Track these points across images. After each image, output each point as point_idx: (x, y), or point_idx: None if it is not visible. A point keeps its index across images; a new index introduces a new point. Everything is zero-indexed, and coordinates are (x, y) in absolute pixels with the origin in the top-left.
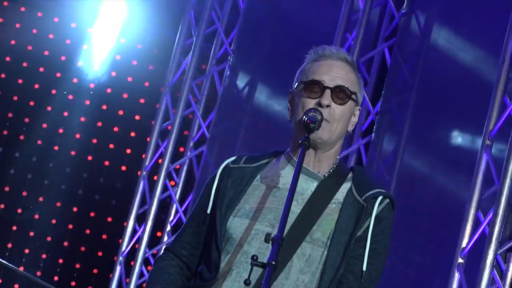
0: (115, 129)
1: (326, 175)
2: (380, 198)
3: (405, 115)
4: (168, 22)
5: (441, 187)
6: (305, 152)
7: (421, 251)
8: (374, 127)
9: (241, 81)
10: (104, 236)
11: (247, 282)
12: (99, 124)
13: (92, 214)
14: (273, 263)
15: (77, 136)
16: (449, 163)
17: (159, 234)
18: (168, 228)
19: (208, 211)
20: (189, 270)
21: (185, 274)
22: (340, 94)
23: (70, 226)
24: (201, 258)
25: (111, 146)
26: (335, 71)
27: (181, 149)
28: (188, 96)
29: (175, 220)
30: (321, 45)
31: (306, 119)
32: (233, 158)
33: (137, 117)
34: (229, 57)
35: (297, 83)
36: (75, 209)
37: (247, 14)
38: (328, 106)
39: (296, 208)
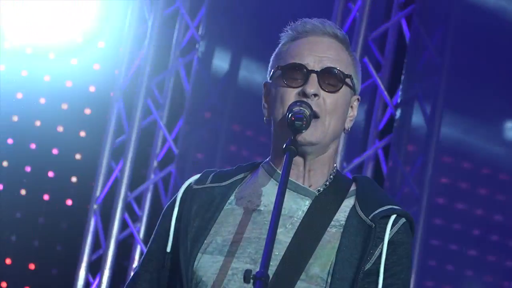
0: (54, 151)
1: (321, 189)
2: (393, 217)
3: (434, 105)
4: (113, 5)
5: (490, 201)
6: (291, 160)
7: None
8: (395, 124)
9: (216, 75)
10: None
11: None
12: (32, 146)
13: (31, 266)
14: None
15: (4, 163)
16: (502, 167)
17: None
18: None
19: (168, 249)
20: None
21: None
22: (330, 78)
23: (3, 285)
24: None
25: (50, 174)
26: (321, 49)
27: (142, 171)
28: (146, 100)
29: None
30: (302, 19)
31: (290, 115)
32: (196, 177)
33: (81, 134)
34: (197, 45)
35: (272, 71)
36: (8, 260)
37: None
38: (315, 95)
39: (284, 237)
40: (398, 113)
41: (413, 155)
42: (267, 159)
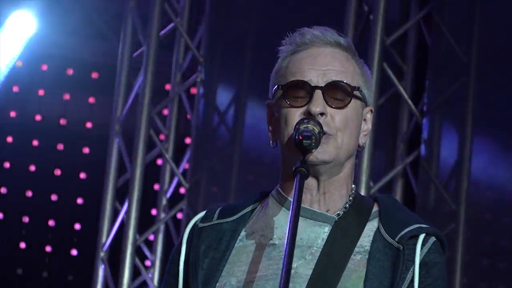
0: (53, 197)
1: (341, 213)
2: (422, 237)
3: (466, 108)
4: (105, 29)
5: None
6: (303, 184)
7: None
8: (423, 135)
9: (223, 98)
10: None
11: None
12: (29, 193)
13: None
14: None
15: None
16: None
17: None
18: None
19: None
20: None
21: None
22: (337, 93)
23: None
24: None
25: (51, 222)
26: (323, 62)
27: (152, 212)
28: (148, 132)
29: None
30: (300, 29)
31: (297, 135)
32: (201, 214)
33: (81, 175)
34: (199, 67)
35: (273, 90)
36: None
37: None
38: (322, 114)
39: (305, 269)
40: (425, 121)
41: (447, 168)
42: (277, 186)
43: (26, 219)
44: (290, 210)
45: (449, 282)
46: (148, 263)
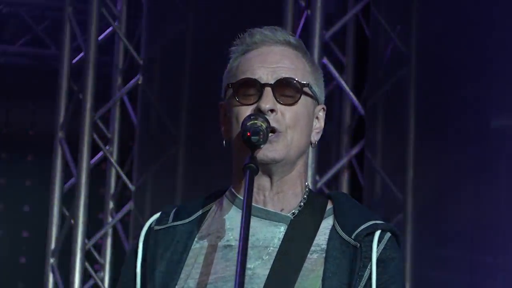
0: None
1: (296, 212)
2: (378, 233)
3: (407, 100)
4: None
5: (475, 196)
6: (253, 180)
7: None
8: (366, 127)
9: (164, 99)
10: None
11: None
12: None
13: None
14: None
15: None
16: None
17: None
18: None
19: None
20: None
21: None
22: (286, 90)
23: None
24: None
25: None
26: (273, 60)
27: (99, 215)
28: (91, 137)
29: None
30: (250, 29)
31: (245, 132)
32: (156, 216)
33: (27, 183)
34: (139, 70)
35: (224, 89)
36: None
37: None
38: (272, 110)
39: (262, 270)
40: (368, 114)
41: (392, 158)
42: (230, 186)
43: None
44: (242, 207)
45: None
46: (98, 266)
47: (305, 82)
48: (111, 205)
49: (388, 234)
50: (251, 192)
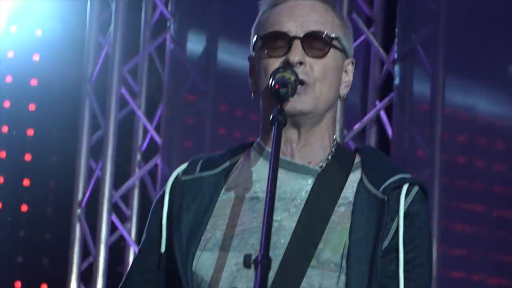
0: (27, 157)
1: (323, 165)
2: (405, 187)
3: (435, 55)
4: None
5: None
6: (281, 132)
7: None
8: (395, 82)
9: (194, 53)
10: None
11: None
12: (2, 154)
13: (17, 284)
14: None
15: None
16: None
17: None
18: None
19: (163, 250)
20: None
21: None
22: (315, 42)
23: None
24: None
25: (26, 182)
26: (302, 13)
27: (126, 167)
28: (119, 90)
29: None
30: None
31: (273, 83)
32: (183, 167)
33: (54, 134)
34: (168, 23)
35: (253, 42)
36: None
37: None
38: (301, 63)
39: (289, 222)
40: (396, 69)
41: (419, 112)
42: (258, 138)
43: (0, 180)
44: (270, 159)
45: None
46: (124, 218)
47: (334, 36)
48: (138, 157)
49: (416, 188)
50: (279, 144)
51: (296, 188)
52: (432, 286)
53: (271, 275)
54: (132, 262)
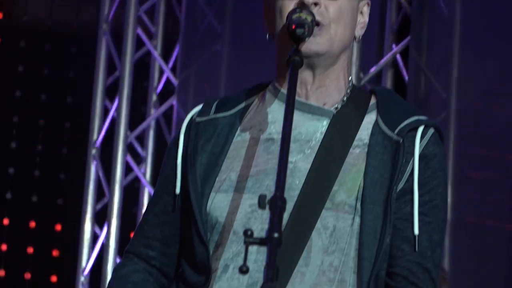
0: (42, 97)
1: (339, 106)
2: (421, 129)
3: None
4: None
5: None
6: (297, 73)
7: None
8: (411, 25)
9: None
10: (55, 253)
11: (243, 269)
12: (16, 92)
13: (32, 224)
14: (276, 235)
15: None
16: None
17: (132, 235)
18: None
19: (177, 191)
20: (164, 276)
21: (159, 282)
22: None
23: (3, 247)
24: (180, 257)
25: (41, 122)
26: None
27: (141, 108)
28: (136, 31)
29: None
30: None
31: (290, 24)
32: (198, 108)
33: (71, 74)
34: None
35: None
36: (5, 221)
37: None
38: (316, 4)
39: (304, 163)
40: (413, 12)
41: (436, 56)
42: (273, 79)
43: (15, 119)
44: (286, 99)
45: None
46: (139, 160)
47: None
48: (154, 98)
49: (431, 130)
50: (295, 84)
51: (311, 129)
52: (446, 230)
53: (285, 216)
54: (148, 204)
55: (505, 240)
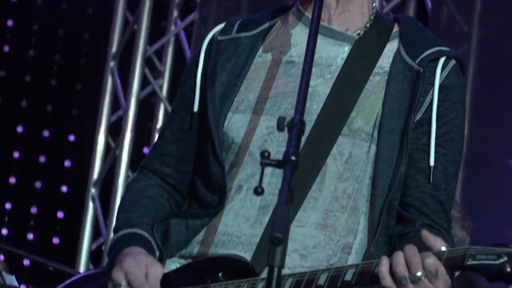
0: (63, 5)
1: (361, 32)
2: (442, 60)
3: None
4: None
5: None
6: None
7: None
8: None
9: None
10: (67, 163)
11: (258, 190)
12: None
13: (45, 133)
14: (293, 158)
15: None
16: None
17: (144, 150)
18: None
19: (195, 109)
20: (178, 193)
21: (173, 199)
22: None
23: (15, 155)
24: (194, 176)
25: (60, 31)
26: None
27: (162, 23)
28: None
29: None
30: None
31: None
32: (221, 27)
33: None
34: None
35: None
36: (19, 128)
37: None
38: None
39: (323, 88)
40: None
41: None
42: (297, 2)
43: (35, 27)
44: (310, 26)
45: None
46: (157, 74)
47: None
48: (175, 13)
49: (453, 61)
50: (320, 12)
51: (332, 54)
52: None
53: (302, 140)
54: (165, 121)
55: None
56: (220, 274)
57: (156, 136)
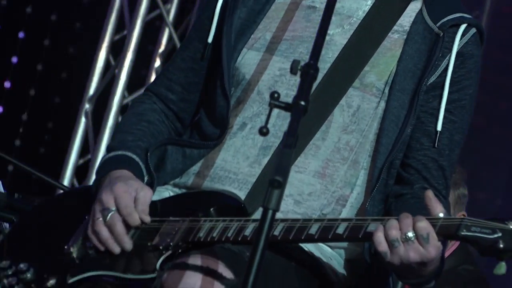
0: None
1: None
2: (463, 26)
3: None
4: None
5: None
6: None
7: None
8: None
9: None
10: (65, 75)
11: (263, 130)
12: None
13: (46, 41)
14: (302, 103)
15: None
16: None
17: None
18: (158, 62)
19: (210, 40)
20: (180, 121)
21: (173, 126)
22: None
23: (13, 60)
24: (199, 106)
25: None
26: None
27: None
28: None
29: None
30: None
31: None
32: None
33: None
34: None
35: None
36: (20, 34)
37: None
38: None
39: (341, 38)
40: None
41: None
42: None
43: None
44: None
45: None
46: None
47: None
48: None
49: (473, 30)
50: None
51: (354, 6)
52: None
53: (313, 86)
54: (178, 48)
55: None
56: (212, 209)
57: (157, 60)
